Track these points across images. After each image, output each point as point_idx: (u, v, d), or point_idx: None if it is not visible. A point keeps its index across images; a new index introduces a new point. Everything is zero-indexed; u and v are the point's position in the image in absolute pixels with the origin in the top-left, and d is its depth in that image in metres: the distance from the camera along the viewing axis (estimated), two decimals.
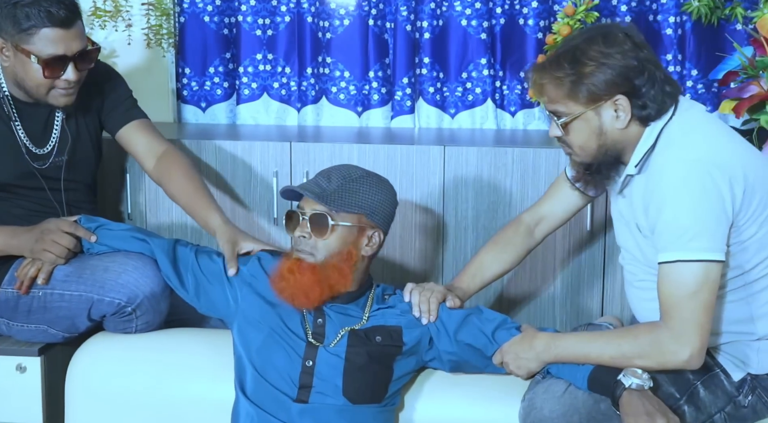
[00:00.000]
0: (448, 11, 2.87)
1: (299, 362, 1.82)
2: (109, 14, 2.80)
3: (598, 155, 1.77)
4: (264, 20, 2.95)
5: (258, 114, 3.02)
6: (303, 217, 1.86)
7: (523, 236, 2.08)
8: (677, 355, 1.66)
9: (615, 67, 1.69)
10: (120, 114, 2.26)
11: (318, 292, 1.84)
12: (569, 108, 1.74)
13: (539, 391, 1.78)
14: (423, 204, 2.50)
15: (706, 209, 1.64)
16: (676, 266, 1.65)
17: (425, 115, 2.96)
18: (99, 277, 1.98)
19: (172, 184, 2.18)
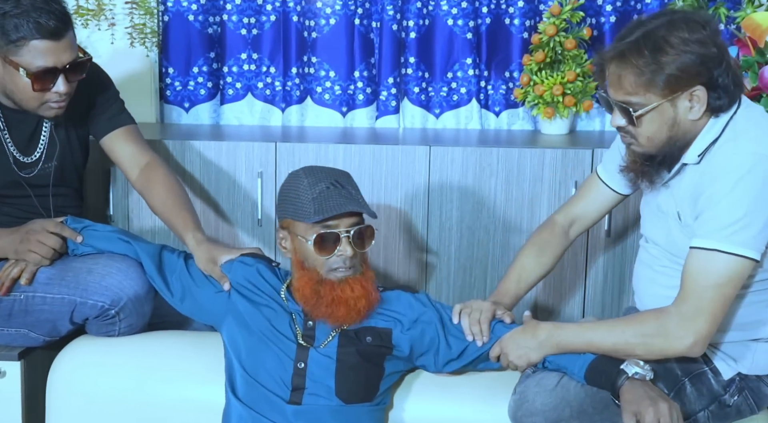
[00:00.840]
0: (435, 10, 2.87)
1: (291, 364, 1.82)
2: (92, 13, 2.77)
3: (665, 147, 1.72)
4: (249, 19, 2.93)
5: (242, 114, 3.00)
6: (347, 235, 1.78)
7: (559, 237, 2.05)
8: (681, 340, 1.65)
9: (697, 55, 1.63)
10: (106, 120, 2.22)
11: (365, 304, 1.83)
12: (647, 98, 1.67)
13: (531, 384, 1.78)
14: (408, 204, 2.50)
15: (760, 205, 1.62)
16: (711, 254, 1.64)
17: (410, 115, 2.95)
18: (82, 280, 1.96)
19: (153, 197, 2.14)
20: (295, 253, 1.85)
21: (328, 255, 1.79)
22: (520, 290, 2.02)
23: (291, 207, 1.83)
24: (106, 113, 2.22)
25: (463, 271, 2.53)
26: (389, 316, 1.88)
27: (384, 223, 2.51)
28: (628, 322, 1.75)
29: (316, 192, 1.79)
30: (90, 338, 2.04)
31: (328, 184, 1.81)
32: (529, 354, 1.80)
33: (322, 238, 1.78)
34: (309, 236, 1.79)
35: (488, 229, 2.49)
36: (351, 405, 1.80)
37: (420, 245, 2.52)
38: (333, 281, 1.80)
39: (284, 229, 1.88)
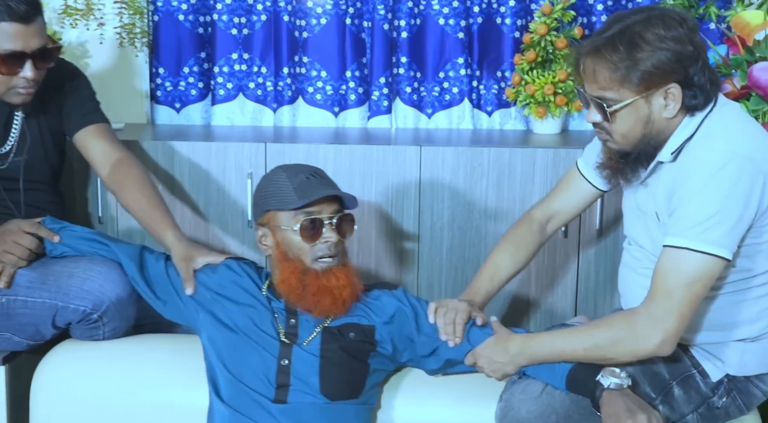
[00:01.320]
0: (426, 10, 2.85)
1: (274, 362, 1.81)
2: (81, 13, 2.75)
3: (640, 144, 1.72)
4: (240, 19, 2.92)
5: (233, 115, 2.99)
6: (330, 221, 1.83)
7: (536, 234, 2.04)
8: (649, 339, 1.64)
9: (672, 53, 1.63)
10: (78, 117, 2.20)
11: (350, 293, 1.85)
12: (621, 94, 1.66)
13: (516, 392, 1.76)
14: (399, 205, 2.49)
15: (732, 204, 1.61)
16: (682, 253, 1.63)
17: (402, 115, 2.94)
18: (63, 284, 1.93)
19: (126, 195, 2.12)
20: (277, 247, 1.87)
21: (314, 242, 1.83)
22: (492, 288, 2.01)
23: (272, 199, 1.87)
24: (79, 111, 2.21)
25: (455, 272, 2.52)
26: (372, 312, 1.89)
27: (375, 224, 2.50)
28: (597, 326, 1.74)
29: (296, 182, 1.86)
30: (74, 342, 2.02)
31: (307, 175, 1.88)
32: (503, 368, 1.80)
33: (307, 225, 1.82)
34: (293, 225, 1.83)
35: (479, 229, 2.48)
36: (337, 402, 1.80)
37: (411, 246, 2.51)
38: (317, 271, 1.83)
39: (263, 226, 1.90)
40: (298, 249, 1.84)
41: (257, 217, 1.93)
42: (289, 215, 1.85)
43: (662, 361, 1.76)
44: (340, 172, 2.47)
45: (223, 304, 1.90)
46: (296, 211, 1.84)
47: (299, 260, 1.84)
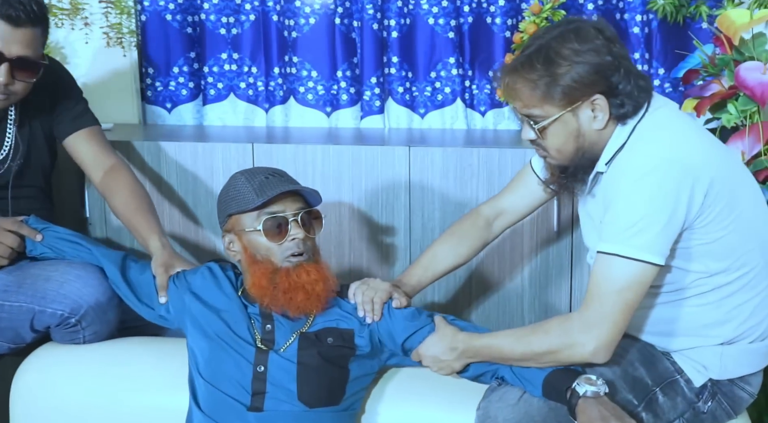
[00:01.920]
0: (415, 9, 2.83)
1: (250, 368, 1.78)
2: (66, 12, 2.73)
3: (575, 158, 1.72)
4: (228, 19, 2.90)
5: (225, 115, 2.97)
6: (294, 218, 1.82)
7: (481, 229, 2.03)
8: (584, 346, 1.63)
9: (591, 65, 1.64)
10: (68, 121, 2.19)
11: (323, 288, 1.82)
12: (545, 111, 1.68)
13: (493, 400, 1.74)
14: (389, 206, 2.47)
15: (657, 208, 1.60)
16: (611, 259, 1.62)
17: (395, 115, 2.92)
18: (40, 287, 1.91)
19: (116, 200, 2.12)
20: (245, 251, 1.85)
21: (280, 240, 1.81)
22: (425, 278, 2.01)
23: (233, 202, 1.86)
24: (69, 114, 2.19)
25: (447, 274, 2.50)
26: (350, 315, 1.87)
27: (366, 225, 2.48)
28: (534, 331, 1.73)
29: (256, 183, 1.84)
30: (55, 346, 2.00)
31: (266, 175, 1.86)
32: (451, 364, 1.80)
33: (271, 224, 1.80)
34: (257, 225, 1.81)
35: None
36: (315, 409, 1.76)
37: (402, 247, 2.49)
38: (288, 268, 1.81)
39: (229, 232, 1.89)
40: (265, 250, 1.82)
41: (222, 224, 1.92)
42: (251, 217, 1.83)
43: (644, 367, 1.75)
44: (329, 173, 2.45)
45: (200, 308, 1.88)
46: (258, 211, 1.82)
47: (269, 261, 1.82)
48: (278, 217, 1.81)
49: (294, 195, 1.86)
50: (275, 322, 1.84)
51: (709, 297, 1.72)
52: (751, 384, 1.79)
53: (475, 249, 2.05)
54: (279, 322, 1.84)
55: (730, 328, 1.73)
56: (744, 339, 1.74)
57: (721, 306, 1.72)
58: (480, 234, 2.03)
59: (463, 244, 2.03)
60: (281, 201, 1.83)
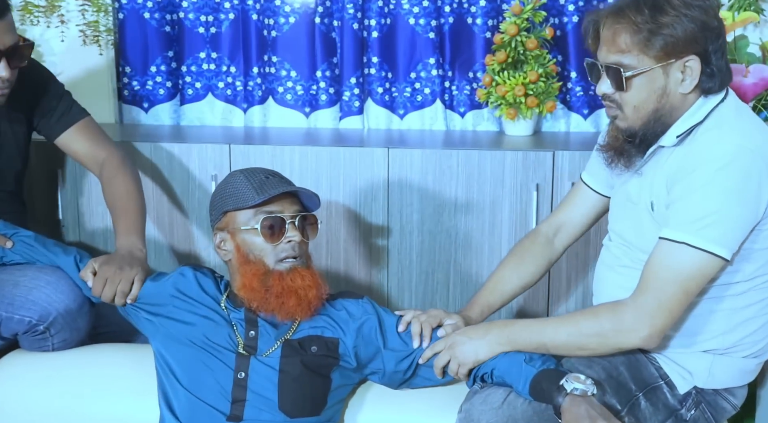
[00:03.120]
0: (396, 9, 2.81)
1: (231, 375, 1.73)
2: (42, 9, 2.69)
3: (649, 120, 1.64)
4: (207, 17, 2.87)
5: (203, 115, 2.94)
6: (292, 221, 1.78)
7: (542, 246, 1.98)
8: (637, 333, 1.60)
9: (697, 22, 1.57)
10: (56, 120, 2.15)
11: (315, 294, 1.79)
12: (639, 61, 1.60)
13: (476, 402, 1.70)
14: (368, 207, 2.45)
15: (737, 201, 1.55)
16: (679, 247, 1.57)
17: (374, 116, 2.89)
18: (8, 293, 1.85)
19: (106, 196, 2.09)
20: (237, 251, 1.81)
21: (276, 241, 1.78)
22: (494, 300, 1.95)
23: (231, 199, 1.82)
24: (55, 113, 2.15)
25: (426, 276, 2.48)
26: (336, 324, 1.83)
27: (344, 227, 2.46)
28: (583, 314, 1.69)
29: (255, 182, 1.81)
30: (23, 353, 1.95)
31: (266, 175, 1.84)
32: (477, 350, 1.73)
33: (269, 223, 1.77)
34: (254, 223, 1.77)
35: (450, 232, 2.44)
36: (296, 420, 1.72)
37: (381, 249, 2.47)
38: (281, 271, 1.77)
39: (221, 230, 1.84)
40: (260, 250, 1.78)
41: (215, 221, 1.87)
42: (249, 215, 1.79)
43: (628, 371, 1.72)
44: (307, 174, 2.43)
45: (176, 314, 1.82)
46: (256, 209, 1.78)
47: (261, 262, 1.78)
48: (276, 218, 1.78)
49: (292, 197, 1.83)
50: (259, 328, 1.79)
51: (721, 304, 1.68)
52: (735, 396, 1.76)
53: (540, 266, 1.98)
54: (263, 329, 1.79)
55: (731, 339, 1.70)
56: (739, 352, 1.72)
57: (732, 317, 1.69)
58: (542, 251, 1.98)
59: (525, 262, 1.97)
60: (280, 202, 1.80)
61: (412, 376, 1.83)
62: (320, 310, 1.83)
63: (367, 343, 1.81)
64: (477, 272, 2.45)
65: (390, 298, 2.50)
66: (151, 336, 1.85)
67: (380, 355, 1.81)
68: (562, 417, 1.59)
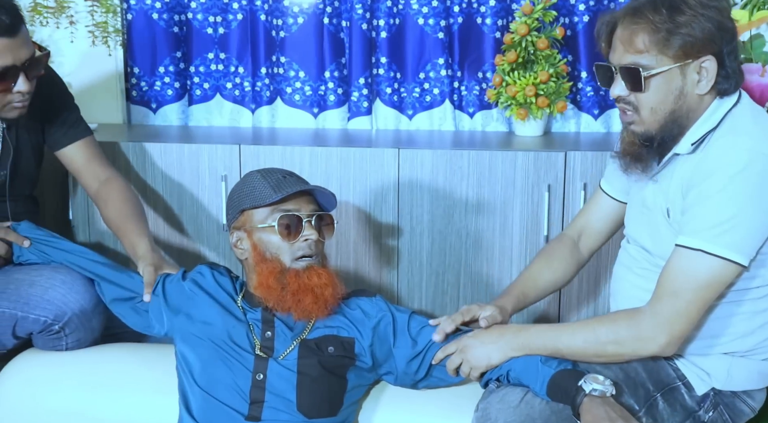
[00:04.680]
0: (405, 9, 2.80)
1: (249, 376, 1.73)
2: (51, 10, 2.68)
3: (666, 123, 1.63)
4: (215, 18, 2.86)
5: (211, 115, 2.93)
6: (309, 219, 1.79)
7: (569, 248, 1.97)
8: (655, 340, 1.59)
9: (713, 22, 1.57)
10: (64, 132, 2.17)
11: (332, 293, 1.79)
12: (658, 61, 1.59)
13: (493, 401, 1.68)
14: (378, 208, 2.44)
15: (753, 207, 1.55)
16: (695, 254, 1.57)
17: (383, 116, 2.88)
18: (24, 293, 1.86)
19: (108, 208, 2.11)
20: (254, 249, 1.81)
21: (294, 239, 1.78)
22: (528, 290, 1.93)
23: (248, 198, 1.83)
24: (64, 125, 2.17)
25: (436, 276, 2.47)
26: (351, 323, 1.82)
27: (354, 228, 2.45)
28: (600, 321, 1.68)
29: (273, 181, 1.82)
30: (36, 352, 1.95)
31: (283, 175, 1.85)
32: (490, 355, 1.72)
33: (286, 221, 1.78)
34: (271, 221, 1.78)
35: (460, 233, 2.43)
36: (314, 420, 1.72)
37: (391, 250, 2.46)
38: (297, 270, 1.77)
39: (238, 229, 1.85)
40: (276, 248, 1.79)
41: (232, 220, 1.87)
42: (266, 213, 1.80)
43: (646, 371, 1.71)
44: (317, 175, 2.42)
45: (195, 313, 1.83)
46: (273, 207, 1.79)
47: (278, 260, 1.78)
48: (293, 216, 1.79)
49: (309, 197, 1.84)
50: (275, 328, 1.79)
51: (741, 307, 1.67)
52: (754, 399, 1.75)
53: (568, 267, 1.97)
54: (279, 329, 1.79)
55: (751, 341, 1.69)
56: (759, 355, 1.71)
57: (752, 320, 1.68)
58: (570, 253, 1.97)
59: (554, 261, 1.96)
60: (297, 201, 1.81)
61: (425, 377, 1.82)
62: (335, 310, 1.83)
63: (382, 341, 1.81)
64: (488, 273, 2.44)
65: (400, 298, 2.49)
66: (172, 336, 1.86)
67: (392, 354, 1.81)
68: (582, 418, 1.58)
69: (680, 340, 1.61)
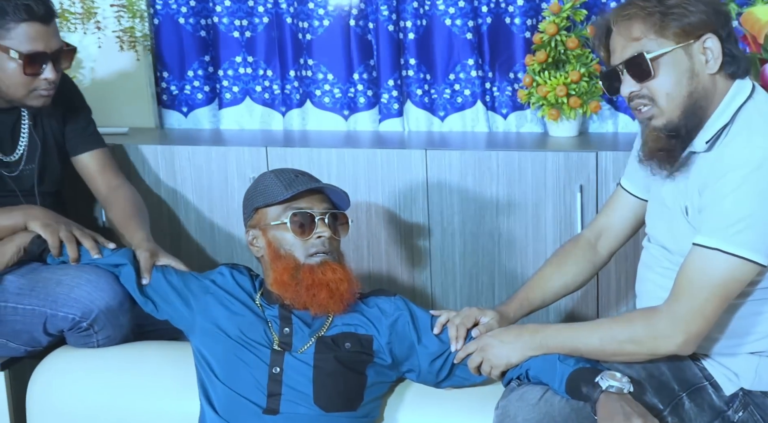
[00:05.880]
0: (431, 10, 2.77)
1: (266, 370, 1.77)
2: (79, 17, 2.71)
3: (687, 108, 1.61)
4: (241, 21, 2.86)
5: (242, 118, 2.94)
6: (321, 217, 1.82)
7: (584, 250, 1.96)
8: (671, 339, 1.59)
9: (704, 3, 1.59)
10: (81, 140, 2.26)
11: (347, 288, 1.80)
12: (659, 44, 1.60)
13: (513, 399, 1.68)
14: (407, 210, 2.42)
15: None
16: (712, 253, 1.55)
17: (414, 118, 2.86)
18: (51, 291, 1.91)
19: (112, 211, 2.19)
20: (269, 247, 1.85)
21: (306, 236, 1.81)
22: (533, 296, 1.93)
23: (260, 197, 1.87)
24: (83, 132, 2.26)
25: (470, 278, 2.45)
26: (369, 322, 1.84)
27: (384, 229, 2.44)
28: (616, 321, 1.69)
29: (285, 179, 1.86)
30: (69, 349, 2.00)
31: (295, 174, 1.89)
32: (509, 354, 1.73)
33: (298, 218, 1.81)
34: (284, 218, 1.82)
35: (492, 234, 2.40)
36: (332, 414, 1.74)
37: (423, 251, 2.44)
38: (311, 265, 1.80)
39: (253, 227, 1.89)
40: (290, 245, 1.82)
41: (247, 219, 1.92)
42: (278, 211, 1.84)
43: (671, 371, 1.69)
44: (346, 177, 2.41)
45: (213, 309, 1.87)
46: (286, 205, 1.82)
47: (292, 257, 1.81)
48: (305, 214, 1.81)
49: (322, 196, 1.87)
50: (294, 325, 1.82)
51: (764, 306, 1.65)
52: None
53: (582, 269, 1.96)
54: (297, 326, 1.82)
55: None
56: None
57: None
58: (583, 254, 1.96)
59: (567, 264, 1.95)
60: (309, 199, 1.84)
61: (447, 377, 1.83)
62: (353, 308, 1.85)
63: (401, 339, 1.82)
64: (522, 274, 2.41)
65: (434, 299, 2.47)
66: (189, 332, 1.90)
67: (415, 352, 1.82)
68: (597, 412, 1.58)
69: (698, 338, 1.60)
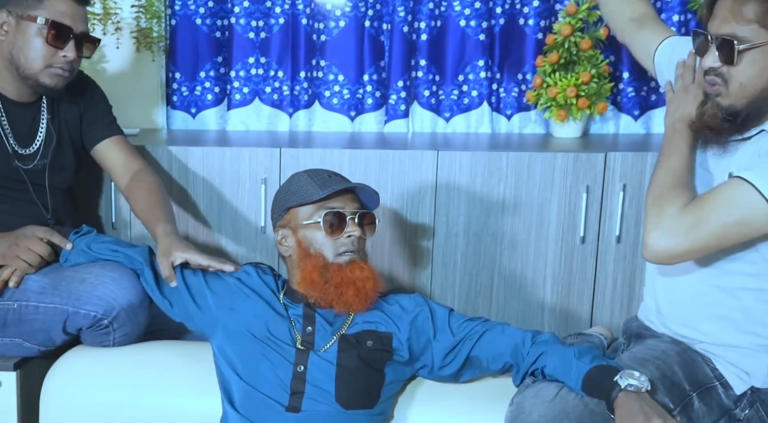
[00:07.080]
0: (447, 11, 2.80)
1: (290, 368, 1.79)
2: (99, 17, 2.74)
3: (755, 100, 1.61)
4: (258, 22, 2.89)
5: (249, 119, 2.96)
6: (353, 217, 1.85)
7: None
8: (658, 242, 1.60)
9: None
10: (99, 129, 2.26)
11: (372, 286, 1.84)
12: (756, 35, 1.56)
13: (528, 395, 1.70)
14: (414, 210, 2.44)
15: None
16: (745, 185, 1.55)
17: (419, 119, 2.89)
18: (74, 289, 1.92)
19: (136, 200, 2.17)
20: (298, 246, 1.87)
21: (337, 236, 1.83)
22: None
23: (294, 196, 1.89)
24: (100, 123, 2.26)
25: (469, 278, 2.47)
26: (389, 319, 1.86)
27: (390, 229, 2.46)
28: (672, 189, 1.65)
29: (319, 180, 1.89)
30: (85, 348, 2.00)
31: (328, 175, 1.92)
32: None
33: (331, 217, 1.84)
34: (317, 217, 1.84)
35: (496, 235, 2.43)
36: (351, 411, 1.76)
37: (425, 251, 2.46)
38: (340, 264, 1.83)
39: (284, 227, 1.91)
40: (320, 244, 1.84)
41: (277, 219, 1.93)
42: (311, 210, 1.86)
43: (683, 371, 1.71)
44: (355, 177, 2.42)
45: (238, 310, 1.88)
46: (319, 205, 1.85)
47: (321, 256, 1.84)
48: (338, 213, 1.84)
49: (352, 195, 1.90)
50: (316, 324, 1.84)
51: None
52: None
53: None
54: (320, 325, 1.84)
55: None
56: None
57: None
58: None
59: None
60: (341, 199, 1.87)
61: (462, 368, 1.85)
62: (374, 305, 1.87)
63: (419, 334, 1.85)
64: (521, 274, 2.43)
65: (433, 298, 2.48)
66: (211, 334, 1.90)
67: (430, 347, 1.85)
68: (616, 412, 1.59)
69: (681, 256, 1.60)
